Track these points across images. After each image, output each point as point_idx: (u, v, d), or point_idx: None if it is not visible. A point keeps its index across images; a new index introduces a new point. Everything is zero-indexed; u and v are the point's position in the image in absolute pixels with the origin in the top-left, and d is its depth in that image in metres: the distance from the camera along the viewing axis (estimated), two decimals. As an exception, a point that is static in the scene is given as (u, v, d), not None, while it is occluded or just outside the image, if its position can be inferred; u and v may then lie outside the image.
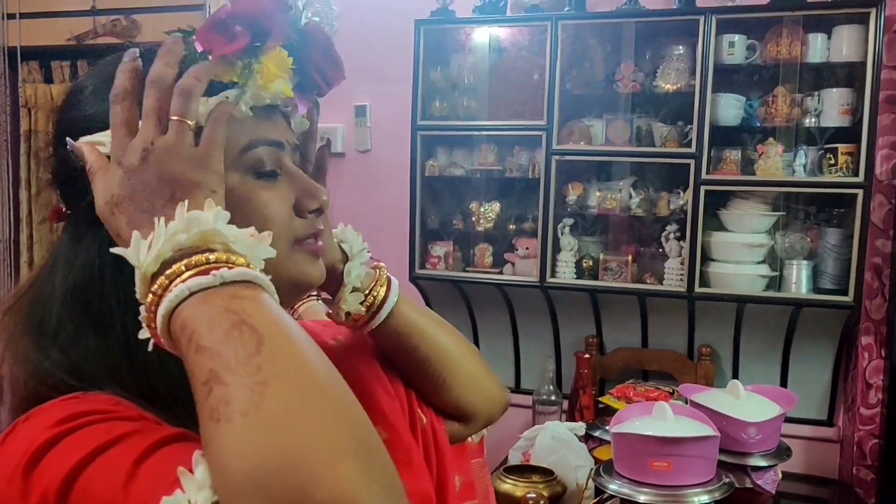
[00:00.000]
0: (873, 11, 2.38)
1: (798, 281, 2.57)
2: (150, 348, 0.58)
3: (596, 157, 2.78)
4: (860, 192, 2.42)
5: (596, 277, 2.78)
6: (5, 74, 3.61)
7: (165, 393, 0.62)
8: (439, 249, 2.95)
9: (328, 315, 0.81)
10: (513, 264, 2.89)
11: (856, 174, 2.44)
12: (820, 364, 2.70)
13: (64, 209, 0.68)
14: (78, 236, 0.66)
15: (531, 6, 2.80)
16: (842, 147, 2.48)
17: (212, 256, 0.56)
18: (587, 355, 2.74)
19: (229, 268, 0.55)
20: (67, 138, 0.64)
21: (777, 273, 2.60)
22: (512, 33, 2.90)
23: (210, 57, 0.62)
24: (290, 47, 0.66)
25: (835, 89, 2.52)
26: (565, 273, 2.79)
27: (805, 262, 2.57)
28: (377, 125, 3.19)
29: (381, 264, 0.82)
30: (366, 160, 3.20)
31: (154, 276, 0.56)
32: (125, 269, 0.60)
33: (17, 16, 3.55)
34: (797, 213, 2.66)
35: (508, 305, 2.97)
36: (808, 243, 2.60)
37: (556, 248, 2.79)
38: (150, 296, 0.56)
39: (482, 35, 2.92)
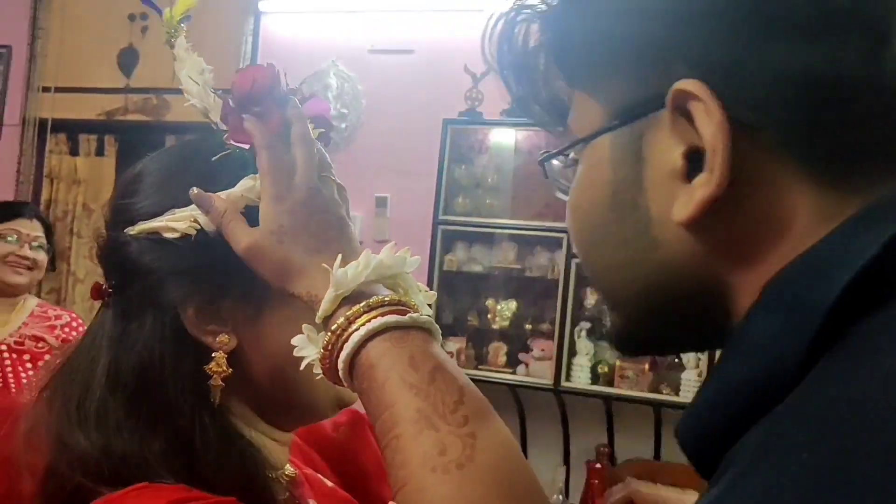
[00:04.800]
0: None
1: (819, 401, 2.51)
2: (318, 375, 0.57)
3: (616, 262, 2.77)
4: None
5: (611, 384, 2.72)
6: (34, 144, 3.66)
7: (213, 478, 0.59)
8: (452, 345, 2.91)
9: None
10: (527, 365, 2.84)
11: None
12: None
13: (105, 287, 0.66)
14: (127, 318, 0.64)
15: (558, 112, 2.86)
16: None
17: (404, 300, 0.57)
18: (599, 465, 2.65)
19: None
20: (168, 222, 0.62)
21: (797, 392, 2.55)
22: (537, 136, 2.95)
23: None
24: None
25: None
26: (580, 378, 2.74)
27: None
28: (395, 217, 3.21)
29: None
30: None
31: (342, 304, 0.55)
32: (188, 355, 0.61)
33: (53, 89, 3.64)
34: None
35: (519, 408, 2.90)
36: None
37: (572, 352, 2.75)
38: (342, 319, 0.54)
39: (508, 136, 2.98)
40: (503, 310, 2.88)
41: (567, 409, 2.83)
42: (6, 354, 2.00)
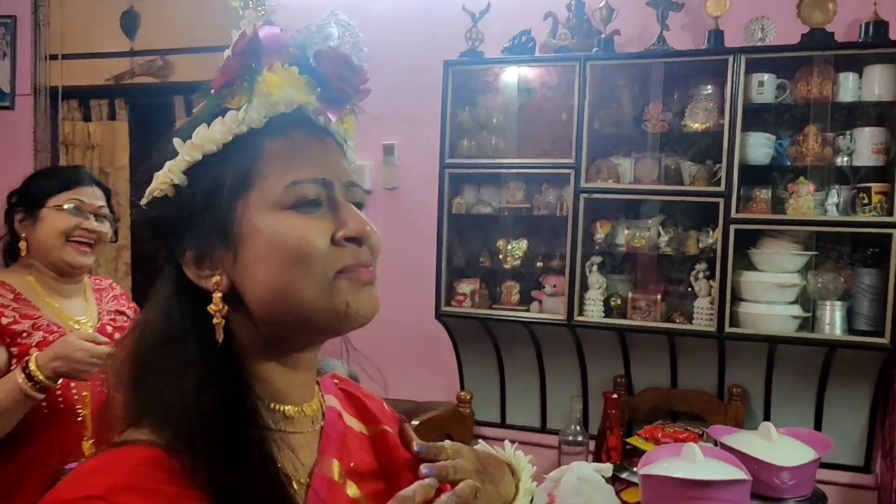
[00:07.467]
0: (905, 51, 2.37)
1: (832, 322, 2.52)
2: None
3: (624, 195, 2.77)
4: (895, 231, 2.38)
5: (624, 316, 2.75)
6: (46, 113, 3.71)
7: (199, 432, 0.64)
8: (466, 287, 2.95)
9: None
10: (540, 302, 2.87)
11: (890, 214, 2.40)
12: (856, 407, 2.63)
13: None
14: (159, 278, 0.73)
15: (560, 47, 2.83)
16: (875, 186, 2.45)
17: None
18: (615, 395, 2.70)
19: None
20: None
21: (810, 314, 2.55)
22: (540, 74, 2.93)
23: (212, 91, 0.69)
24: (306, 68, 0.70)
25: (867, 128, 2.50)
26: (593, 311, 2.77)
27: (839, 302, 2.53)
28: (404, 164, 3.22)
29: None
30: (393, 197, 3.23)
31: None
32: (191, 302, 0.69)
33: (60, 57, 3.67)
34: (830, 253, 2.62)
35: (535, 344, 2.95)
36: (841, 283, 2.55)
37: (584, 286, 2.77)
38: None
39: (511, 75, 2.95)
40: (514, 249, 2.90)
41: (582, 342, 2.87)
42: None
